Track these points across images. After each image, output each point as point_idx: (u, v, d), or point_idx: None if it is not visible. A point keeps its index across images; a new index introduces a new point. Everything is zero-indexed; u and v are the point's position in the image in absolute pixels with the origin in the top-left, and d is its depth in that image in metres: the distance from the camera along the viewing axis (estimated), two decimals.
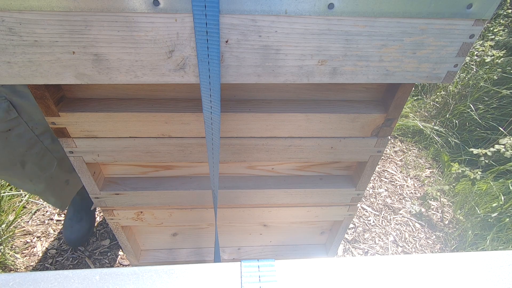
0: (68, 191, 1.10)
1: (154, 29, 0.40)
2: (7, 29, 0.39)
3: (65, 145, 0.60)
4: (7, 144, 0.81)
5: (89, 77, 0.44)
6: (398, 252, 1.46)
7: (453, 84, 2.14)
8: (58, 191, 1.05)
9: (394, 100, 0.57)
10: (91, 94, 0.58)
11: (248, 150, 0.64)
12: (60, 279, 0.41)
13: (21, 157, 0.86)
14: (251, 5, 0.39)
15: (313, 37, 0.43)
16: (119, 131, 0.59)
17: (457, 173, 1.72)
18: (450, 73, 0.48)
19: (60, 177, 1.02)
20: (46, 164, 0.93)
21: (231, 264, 0.44)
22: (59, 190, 1.06)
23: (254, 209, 0.81)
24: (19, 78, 0.43)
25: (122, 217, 0.79)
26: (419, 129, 2.15)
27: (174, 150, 0.63)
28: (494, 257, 0.46)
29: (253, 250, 1.00)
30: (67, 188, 1.08)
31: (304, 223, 0.92)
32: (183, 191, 0.73)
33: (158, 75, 0.45)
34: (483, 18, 0.42)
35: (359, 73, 0.47)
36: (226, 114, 0.58)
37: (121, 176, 0.75)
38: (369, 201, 1.71)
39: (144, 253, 0.98)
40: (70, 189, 1.10)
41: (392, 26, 0.42)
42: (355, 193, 0.77)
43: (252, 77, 0.46)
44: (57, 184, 1.03)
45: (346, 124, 0.61)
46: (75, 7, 0.38)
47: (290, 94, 0.61)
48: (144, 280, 0.41)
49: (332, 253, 0.98)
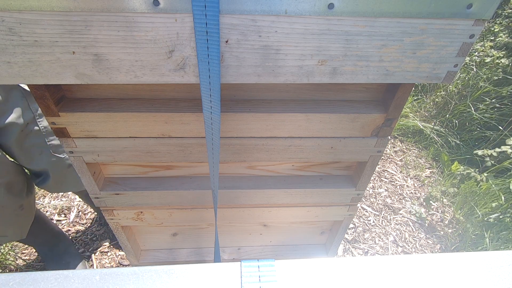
0: (24, 217, 1.00)
1: (154, 29, 0.40)
2: (7, 29, 0.39)
3: (65, 145, 0.60)
4: None
5: (89, 77, 0.44)
6: (398, 252, 1.46)
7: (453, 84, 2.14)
8: (14, 219, 0.96)
9: (394, 100, 0.57)
10: (91, 94, 0.58)
11: (248, 150, 0.65)
12: (60, 279, 0.41)
13: None
14: (251, 5, 0.39)
15: (313, 37, 0.43)
16: (119, 131, 0.59)
17: (461, 174, 1.72)
18: (450, 73, 0.48)
19: (11, 203, 0.92)
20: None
21: (231, 264, 0.44)
22: (14, 217, 0.96)
23: (254, 209, 0.81)
24: (19, 78, 0.43)
25: (122, 217, 0.79)
26: (419, 129, 2.15)
27: (174, 150, 0.63)
28: (494, 257, 0.46)
29: (253, 250, 1.00)
30: (23, 213, 0.98)
31: (304, 223, 0.92)
32: (183, 191, 0.73)
33: (158, 75, 0.45)
34: (483, 18, 0.42)
35: (359, 73, 0.47)
36: (226, 114, 0.58)
37: (121, 176, 0.75)
38: (369, 201, 1.71)
39: (144, 253, 0.98)
40: (26, 215, 1.01)
41: (392, 26, 0.42)
42: (355, 193, 0.77)
43: (252, 77, 0.46)
44: (10, 212, 0.93)
45: (346, 124, 0.61)
46: (75, 7, 0.38)
47: (290, 94, 0.61)
48: (144, 280, 0.41)
49: (332, 253, 0.98)
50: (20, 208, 0.97)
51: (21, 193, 0.96)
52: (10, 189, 0.91)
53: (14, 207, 0.94)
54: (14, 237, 1.01)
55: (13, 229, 0.99)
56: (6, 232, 0.97)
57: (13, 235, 1.00)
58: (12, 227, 0.98)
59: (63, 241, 1.27)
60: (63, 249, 1.25)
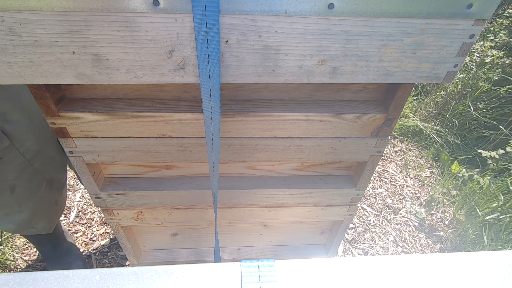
0: (56, 212, 1.07)
1: (154, 29, 0.40)
2: (7, 29, 0.39)
3: (65, 145, 0.60)
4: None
5: (89, 77, 0.44)
6: (398, 252, 1.46)
7: (453, 84, 2.14)
8: (48, 212, 1.02)
9: (394, 100, 0.57)
10: (91, 94, 0.58)
11: (248, 150, 0.64)
12: (60, 279, 0.41)
13: (11, 182, 0.84)
14: (251, 5, 0.39)
15: (313, 37, 0.43)
16: (119, 131, 0.59)
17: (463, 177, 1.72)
18: (450, 73, 0.48)
19: (50, 197, 0.99)
20: (35, 187, 0.91)
21: (231, 264, 0.44)
22: (49, 211, 1.02)
23: (254, 209, 0.81)
24: (19, 78, 0.43)
25: (122, 217, 0.79)
26: (419, 129, 2.15)
27: (174, 150, 0.63)
28: (494, 257, 0.46)
29: (253, 250, 1.00)
30: (56, 208, 1.05)
31: (304, 223, 0.92)
32: (183, 191, 0.73)
33: (158, 75, 0.45)
34: (483, 18, 0.42)
35: (359, 73, 0.47)
36: (226, 114, 0.58)
37: (121, 176, 0.75)
38: (369, 201, 1.71)
39: (144, 253, 0.98)
40: (58, 210, 1.07)
41: (392, 26, 0.42)
42: (355, 193, 0.77)
43: (252, 77, 0.46)
44: (47, 205, 1.00)
45: (346, 124, 0.61)
46: (75, 7, 0.37)
47: (290, 94, 0.61)
48: (144, 280, 0.41)
49: (332, 253, 0.98)
50: (55, 203, 1.03)
51: (59, 189, 1.02)
52: (51, 185, 0.97)
53: (51, 201, 1.00)
54: (43, 230, 1.07)
55: (44, 223, 1.04)
56: (38, 224, 1.02)
57: (42, 228, 1.05)
58: (44, 220, 1.03)
59: (66, 241, 1.27)
60: (66, 249, 1.25)
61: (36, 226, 1.02)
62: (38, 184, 0.91)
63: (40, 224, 1.02)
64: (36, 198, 0.93)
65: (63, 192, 1.06)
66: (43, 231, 1.06)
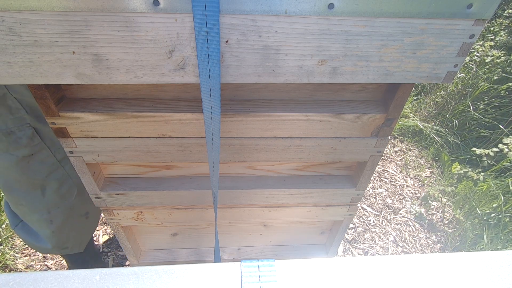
0: (87, 228, 1.01)
1: (154, 29, 0.40)
2: (7, 29, 0.39)
3: (65, 145, 0.60)
4: (29, 168, 0.80)
5: (89, 77, 0.44)
6: (398, 252, 1.46)
7: (453, 84, 2.15)
8: (77, 227, 0.97)
9: (394, 100, 0.57)
10: (91, 94, 0.58)
11: (248, 150, 0.65)
12: (60, 279, 0.41)
13: (42, 182, 0.83)
14: (251, 5, 0.39)
15: (313, 37, 0.43)
16: (119, 131, 0.59)
17: (459, 173, 1.72)
18: (450, 73, 0.48)
19: (80, 208, 0.94)
20: (66, 192, 0.89)
21: (231, 264, 0.44)
22: (78, 225, 0.97)
23: (254, 209, 0.81)
24: (19, 78, 0.43)
25: (122, 217, 0.79)
26: (419, 129, 2.15)
27: (174, 150, 0.63)
28: (494, 257, 0.46)
29: (253, 250, 1.00)
30: (87, 222, 1.00)
31: (304, 223, 0.92)
32: (183, 191, 0.73)
33: (158, 75, 0.45)
34: (483, 18, 0.42)
35: (359, 73, 0.47)
36: (226, 114, 0.58)
37: (121, 176, 0.75)
38: (369, 201, 1.71)
39: (144, 253, 0.98)
40: (90, 225, 1.02)
41: (392, 26, 0.42)
42: (355, 193, 0.77)
43: (252, 77, 0.46)
44: (77, 217, 0.95)
45: (346, 124, 0.61)
46: (75, 7, 0.37)
47: (290, 94, 0.61)
48: (144, 280, 0.41)
49: (332, 253, 0.99)
50: (86, 215, 0.98)
51: (90, 201, 0.96)
52: (82, 192, 0.92)
53: (81, 212, 0.96)
54: (74, 249, 1.02)
55: (74, 240, 0.99)
56: (68, 242, 0.98)
57: (73, 246, 1.01)
58: (74, 237, 0.99)
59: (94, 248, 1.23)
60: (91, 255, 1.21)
61: (66, 246, 0.98)
62: (68, 189, 0.89)
63: (71, 241, 0.98)
64: (66, 205, 0.90)
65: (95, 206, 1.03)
66: (74, 250, 1.02)
